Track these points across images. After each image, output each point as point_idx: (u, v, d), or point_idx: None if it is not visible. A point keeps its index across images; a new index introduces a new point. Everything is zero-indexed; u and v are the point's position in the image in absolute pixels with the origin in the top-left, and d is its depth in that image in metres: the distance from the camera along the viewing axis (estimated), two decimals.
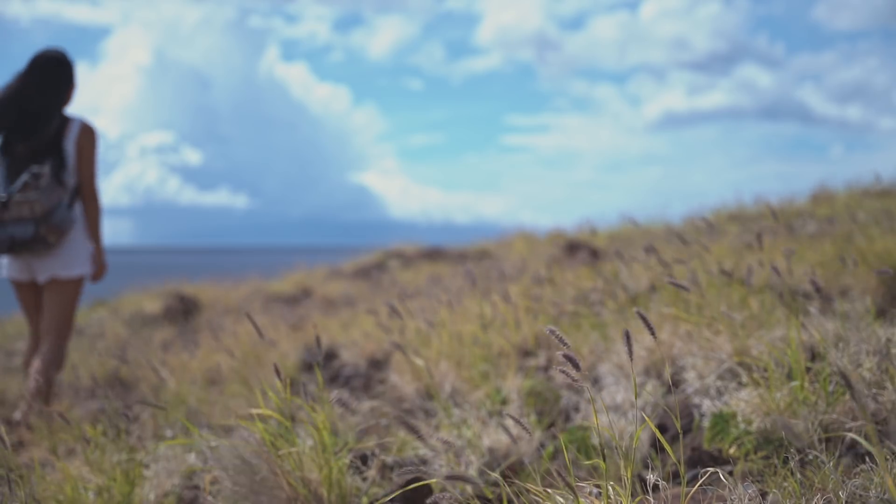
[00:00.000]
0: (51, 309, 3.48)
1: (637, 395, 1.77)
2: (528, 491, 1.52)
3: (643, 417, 2.52)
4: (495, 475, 1.56)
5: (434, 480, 1.95)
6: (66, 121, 3.47)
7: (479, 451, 2.36)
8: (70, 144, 3.43)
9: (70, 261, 3.45)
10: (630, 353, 1.43)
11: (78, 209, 3.50)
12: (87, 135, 3.47)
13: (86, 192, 3.50)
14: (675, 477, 1.97)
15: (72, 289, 3.50)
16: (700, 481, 1.56)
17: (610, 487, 1.47)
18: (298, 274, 10.46)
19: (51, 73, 3.46)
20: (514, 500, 1.82)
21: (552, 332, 1.40)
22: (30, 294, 3.57)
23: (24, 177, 3.25)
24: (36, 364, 3.41)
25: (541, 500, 1.50)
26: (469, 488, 2.08)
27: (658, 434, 1.45)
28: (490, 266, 6.75)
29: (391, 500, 1.95)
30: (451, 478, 1.29)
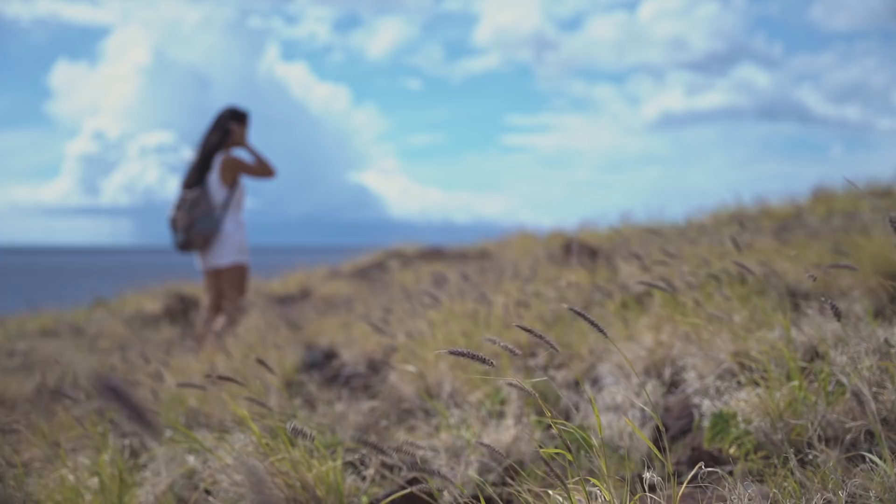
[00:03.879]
0: (224, 285, 5.13)
1: (637, 392, 1.77)
2: (528, 490, 1.52)
3: (642, 417, 2.52)
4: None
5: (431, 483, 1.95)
6: (214, 157, 5.05)
7: (479, 452, 2.35)
8: (214, 174, 5.00)
9: (222, 254, 5.03)
10: None
11: (227, 218, 5.00)
12: (226, 163, 5.01)
13: (260, 171, 5.06)
14: (674, 476, 1.97)
15: (234, 272, 5.11)
16: (691, 476, 1.56)
17: (608, 486, 1.46)
18: (298, 274, 10.45)
19: (215, 128, 5.09)
20: (514, 500, 1.81)
21: (528, 329, 1.41)
22: (209, 278, 5.16)
23: (177, 201, 4.99)
24: (219, 320, 4.99)
25: (540, 501, 1.50)
26: (467, 489, 2.07)
27: (651, 433, 1.44)
28: (489, 266, 6.74)
29: (391, 501, 1.95)
30: None
